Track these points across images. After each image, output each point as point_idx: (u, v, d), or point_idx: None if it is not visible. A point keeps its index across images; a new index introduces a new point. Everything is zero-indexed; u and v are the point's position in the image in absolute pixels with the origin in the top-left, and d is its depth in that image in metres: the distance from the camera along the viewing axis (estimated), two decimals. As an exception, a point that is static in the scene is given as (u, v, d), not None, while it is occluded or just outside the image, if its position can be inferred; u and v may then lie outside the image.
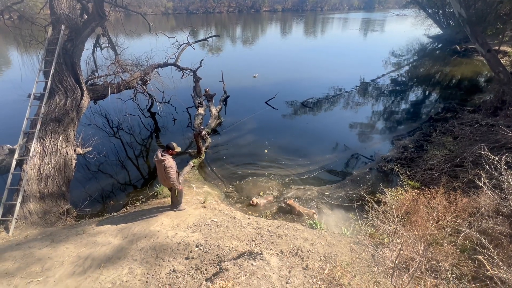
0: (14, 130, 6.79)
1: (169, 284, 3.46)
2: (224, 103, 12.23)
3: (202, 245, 4.16)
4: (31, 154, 5.72)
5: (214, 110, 10.58)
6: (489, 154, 4.35)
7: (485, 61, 12.88)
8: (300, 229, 4.84)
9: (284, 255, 3.79)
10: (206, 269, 3.66)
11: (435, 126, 9.66)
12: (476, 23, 10.85)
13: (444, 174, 6.13)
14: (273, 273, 3.08)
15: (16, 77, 9.79)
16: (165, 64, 10.91)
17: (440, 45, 27.27)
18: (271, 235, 4.51)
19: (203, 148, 8.29)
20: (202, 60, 12.35)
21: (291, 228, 4.81)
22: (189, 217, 5.09)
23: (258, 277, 2.98)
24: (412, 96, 14.38)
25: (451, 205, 4.44)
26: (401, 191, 6.08)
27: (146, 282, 3.50)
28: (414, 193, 5.10)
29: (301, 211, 5.73)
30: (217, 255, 3.94)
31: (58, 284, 3.55)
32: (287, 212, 5.89)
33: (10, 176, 5.64)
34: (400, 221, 3.50)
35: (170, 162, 4.81)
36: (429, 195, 4.65)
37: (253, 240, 4.37)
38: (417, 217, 4.35)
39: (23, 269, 3.84)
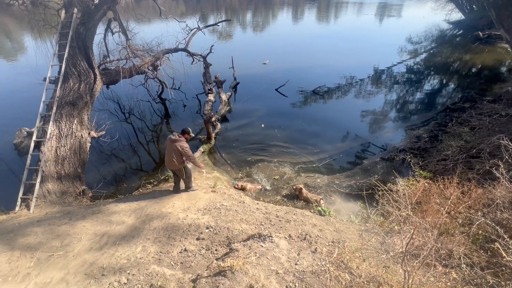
0: (32, 113, 6.99)
1: (181, 262, 3.59)
2: (234, 90, 12.15)
3: (212, 227, 4.26)
4: (48, 136, 5.91)
5: (224, 97, 10.54)
6: (509, 143, 4.18)
7: (509, 48, 12.17)
8: (309, 215, 4.88)
9: (292, 239, 3.85)
10: (216, 250, 3.77)
11: (451, 116, 9.33)
12: (502, 7, 10.18)
13: (458, 165, 5.97)
14: (282, 255, 3.14)
15: (32, 61, 9.98)
16: (176, 50, 10.83)
17: (461, 31, 25.83)
18: (279, 220, 4.57)
19: (213, 134, 8.35)
20: (212, 46, 12.19)
21: (299, 214, 4.85)
22: (199, 200, 5.20)
23: (267, 258, 3.04)
24: (428, 85, 13.86)
25: (464, 195, 4.35)
26: (413, 181, 5.99)
27: (159, 259, 3.65)
28: (426, 183, 5.01)
29: (309, 197, 5.75)
30: (226, 237, 4.03)
31: (76, 258, 3.75)
32: (294, 197, 5.93)
33: (29, 157, 5.88)
34: (412, 209, 3.46)
35: (186, 143, 5.11)
36: (441, 185, 4.56)
37: (262, 224, 4.44)
38: (428, 207, 4.30)
39: (44, 243, 4.06)
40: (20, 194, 5.53)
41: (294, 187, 6.02)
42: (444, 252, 3.32)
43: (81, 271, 3.50)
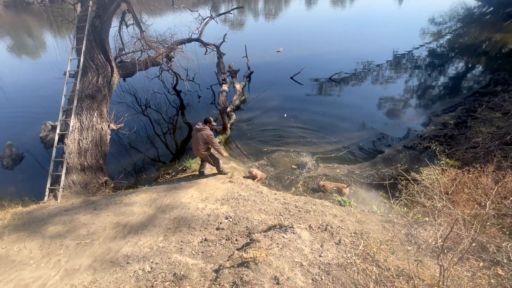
0: (55, 107, 7.21)
1: (202, 252, 3.62)
2: (248, 79, 11.96)
3: (231, 217, 4.26)
4: (70, 129, 6.09)
5: (238, 87, 10.41)
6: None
7: (548, 25, 11.05)
8: (328, 206, 4.76)
9: (313, 230, 3.76)
10: (236, 240, 3.76)
11: (480, 100, 8.70)
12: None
13: (491, 153, 5.58)
14: (305, 246, 3.07)
15: (52, 57, 10.28)
16: (189, 40, 10.73)
17: (491, 8, 23.78)
18: (298, 210, 4.49)
19: (228, 125, 8.30)
20: (225, 35, 11.98)
21: (319, 204, 4.74)
22: (217, 190, 5.21)
23: (290, 249, 2.99)
24: (453, 69, 12.96)
25: (497, 185, 4.05)
26: (439, 170, 5.68)
27: (181, 249, 3.69)
28: (454, 172, 4.72)
29: (331, 188, 5.61)
30: (246, 227, 4.01)
31: (102, 246, 3.88)
32: (314, 190, 5.82)
33: (54, 149, 6.11)
34: (442, 199, 3.26)
35: (210, 131, 5.44)
36: (473, 174, 4.27)
37: (281, 215, 4.38)
38: (458, 197, 4.05)
39: (71, 232, 4.24)
40: (48, 185, 5.79)
41: (317, 184, 5.90)
42: (475, 245, 3.12)
43: (107, 259, 3.61)
